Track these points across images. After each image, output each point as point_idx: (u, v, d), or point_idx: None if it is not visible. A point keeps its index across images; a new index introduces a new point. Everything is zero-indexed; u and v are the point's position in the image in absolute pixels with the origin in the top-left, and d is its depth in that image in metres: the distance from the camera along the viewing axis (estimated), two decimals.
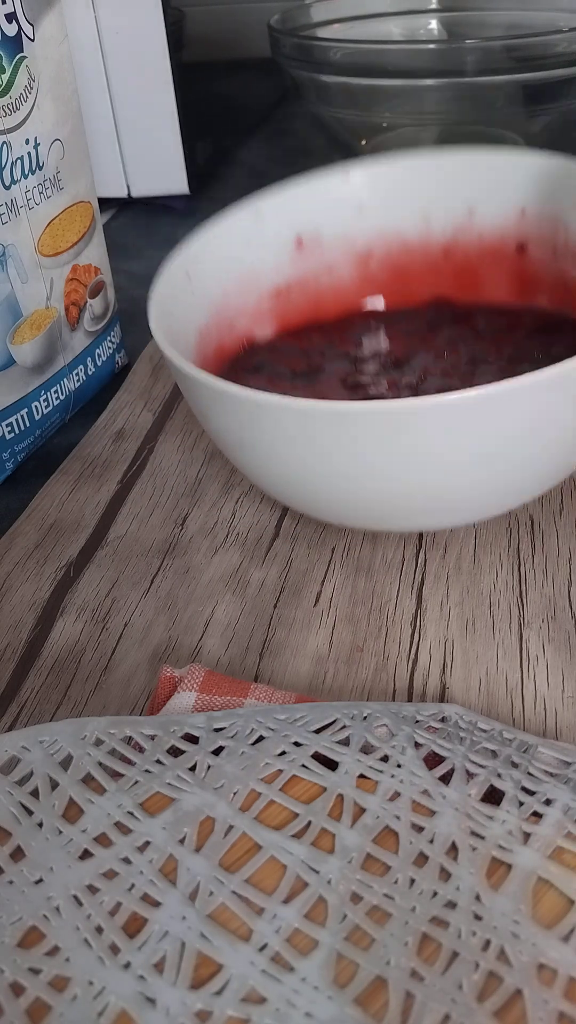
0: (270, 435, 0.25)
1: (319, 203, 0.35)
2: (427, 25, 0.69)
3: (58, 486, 0.36)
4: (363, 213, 0.35)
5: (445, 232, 0.36)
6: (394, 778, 0.21)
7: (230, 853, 0.20)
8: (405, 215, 0.36)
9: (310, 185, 0.34)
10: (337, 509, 0.28)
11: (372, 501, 0.27)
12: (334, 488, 0.27)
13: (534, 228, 0.35)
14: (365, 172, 0.35)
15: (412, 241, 0.36)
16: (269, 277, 0.34)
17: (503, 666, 0.27)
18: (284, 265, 0.35)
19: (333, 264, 0.36)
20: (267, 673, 0.27)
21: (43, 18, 0.33)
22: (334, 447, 0.25)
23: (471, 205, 0.35)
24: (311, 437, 0.25)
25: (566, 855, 0.19)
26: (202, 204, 0.64)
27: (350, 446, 0.25)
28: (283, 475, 0.27)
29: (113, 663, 0.28)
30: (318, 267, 0.35)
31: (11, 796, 0.21)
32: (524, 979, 0.17)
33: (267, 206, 0.34)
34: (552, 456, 0.27)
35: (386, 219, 0.36)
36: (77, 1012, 0.17)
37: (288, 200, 0.34)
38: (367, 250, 0.36)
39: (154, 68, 0.57)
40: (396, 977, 0.17)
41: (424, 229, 0.36)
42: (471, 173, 0.35)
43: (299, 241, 0.35)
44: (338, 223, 0.35)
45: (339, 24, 0.66)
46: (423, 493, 0.27)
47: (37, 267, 0.35)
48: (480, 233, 0.36)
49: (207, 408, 0.27)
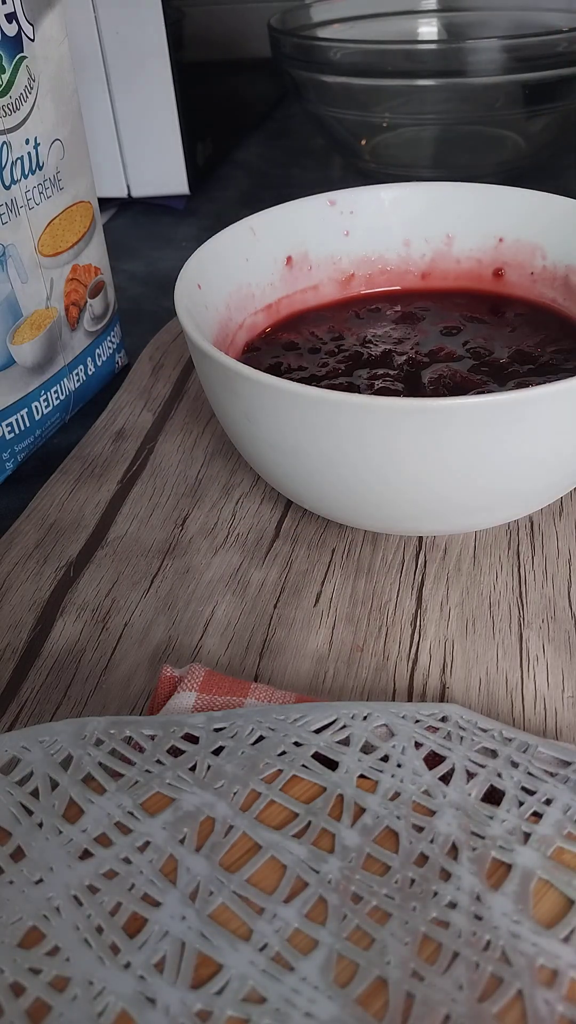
0: (324, 432, 0.26)
1: (309, 226, 0.37)
2: (427, 25, 0.69)
3: (58, 486, 0.36)
4: (349, 237, 0.38)
5: (424, 258, 0.38)
6: (394, 778, 0.21)
7: (230, 853, 0.20)
8: (387, 241, 0.38)
9: (301, 208, 0.37)
10: (378, 510, 0.29)
11: (413, 502, 0.28)
12: (377, 489, 0.27)
13: (511, 254, 0.37)
14: (352, 199, 0.37)
15: (393, 264, 0.39)
16: (264, 293, 0.36)
17: (503, 666, 0.27)
18: (276, 282, 0.37)
19: (319, 284, 0.38)
20: (267, 673, 0.27)
21: (43, 18, 0.33)
22: (382, 442, 0.25)
23: (450, 233, 0.38)
24: (364, 432, 0.25)
25: (566, 855, 0.19)
26: (202, 204, 0.64)
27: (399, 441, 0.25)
28: (311, 471, 0.28)
29: (113, 663, 0.28)
30: (305, 286, 0.38)
31: (11, 796, 0.21)
32: (524, 979, 0.17)
33: (260, 225, 0.36)
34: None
35: (369, 244, 0.38)
36: (77, 1012, 0.17)
37: (281, 221, 0.36)
38: (350, 272, 0.38)
39: (154, 68, 0.57)
40: (396, 977, 0.17)
41: (404, 254, 0.38)
42: (451, 204, 0.37)
43: (289, 260, 0.37)
44: (326, 246, 0.37)
45: (339, 24, 0.66)
46: (465, 494, 0.27)
47: (37, 267, 0.35)
48: (458, 259, 0.38)
49: (256, 407, 0.27)
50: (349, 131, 0.62)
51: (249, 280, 0.35)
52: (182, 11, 0.60)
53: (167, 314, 0.49)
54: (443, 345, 0.34)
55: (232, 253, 0.35)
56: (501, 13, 0.67)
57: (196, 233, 0.60)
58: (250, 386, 0.26)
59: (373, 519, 0.29)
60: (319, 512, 0.31)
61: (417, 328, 0.36)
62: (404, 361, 0.33)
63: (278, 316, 0.37)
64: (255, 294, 0.36)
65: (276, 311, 0.37)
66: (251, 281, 0.35)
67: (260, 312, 0.36)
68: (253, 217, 0.35)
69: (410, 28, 0.68)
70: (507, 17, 0.67)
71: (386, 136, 0.62)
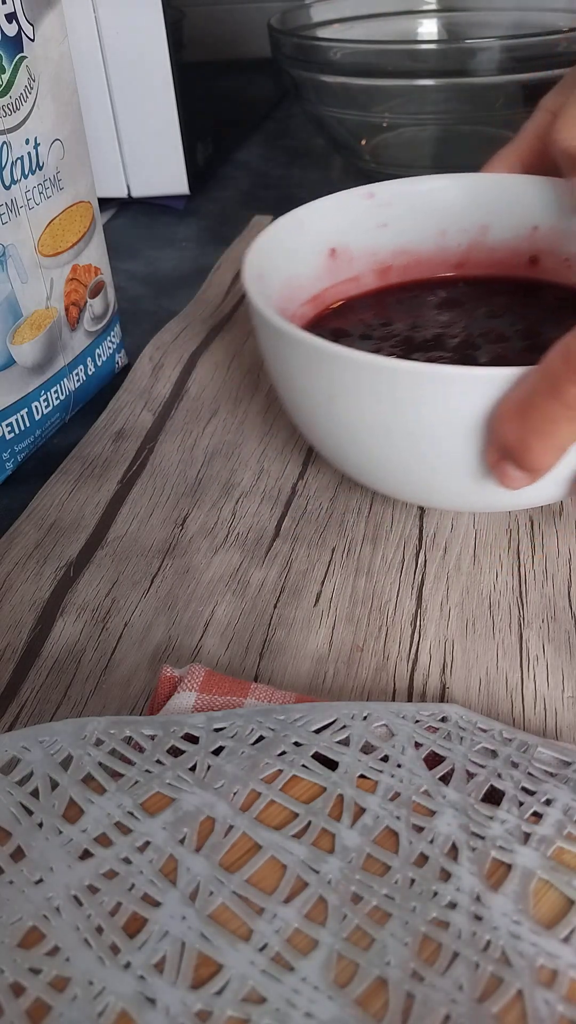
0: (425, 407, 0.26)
1: (350, 218, 0.38)
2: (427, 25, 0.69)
3: (58, 486, 0.36)
4: (387, 228, 0.38)
5: (460, 247, 0.39)
6: (394, 778, 0.21)
7: (230, 853, 0.20)
8: (423, 232, 0.39)
9: (342, 201, 0.37)
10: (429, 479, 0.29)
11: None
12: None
13: (546, 242, 0.38)
14: (390, 192, 0.38)
15: (429, 255, 0.39)
16: (310, 284, 0.37)
17: (503, 666, 0.27)
18: (321, 274, 0.37)
19: (359, 275, 0.39)
20: (267, 673, 0.27)
21: (43, 18, 0.33)
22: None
23: (484, 223, 0.38)
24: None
25: (566, 855, 0.19)
26: (202, 204, 0.64)
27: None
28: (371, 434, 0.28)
29: (113, 663, 0.28)
30: (347, 277, 0.38)
31: (11, 796, 0.21)
32: (524, 979, 0.17)
33: (306, 217, 0.36)
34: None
35: (406, 235, 0.39)
36: (77, 1012, 0.17)
37: (324, 213, 0.37)
38: (388, 263, 0.39)
39: (154, 68, 0.57)
40: (396, 977, 0.17)
41: (440, 244, 0.39)
42: (486, 195, 0.38)
43: (332, 252, 0.37)
44: (365, 237, 0.38)
45: (339, 24, 0.66)
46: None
47: (37, 267, 0.35)
48: (493, 247, 0.39)
49: (341, 384, 0.27)
50: (349, 131, 0.62)
51: (298, 271, 0.36)
52: (182, 11, 0.60)
53: (167, 314, 0.49)
54: (492, 327, 0.34)
55: (282, 245, 0.35)
56: (501, 13, 0.67)
57: (196, 233, 0.60)
58: (346, 365, 0.27)
59: (462, 496, 0.30)
60: (402, 495, 0.31)
61: (462, 312, 0.36)
62: (458, 343, 0.33)
63: (323, 306, 0.38)
64: (303, 285, 0.36)
65: (321, 302, 0.37)
66: (299, 272, 0.36)
67: (307, 303, 0.37)
68: (300, 209, 0.36)
69: (410, 28, 0.68)
70: (507, 17, 0.66)
71: (386, 136, 0.62)
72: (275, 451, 0.37)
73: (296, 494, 0.34)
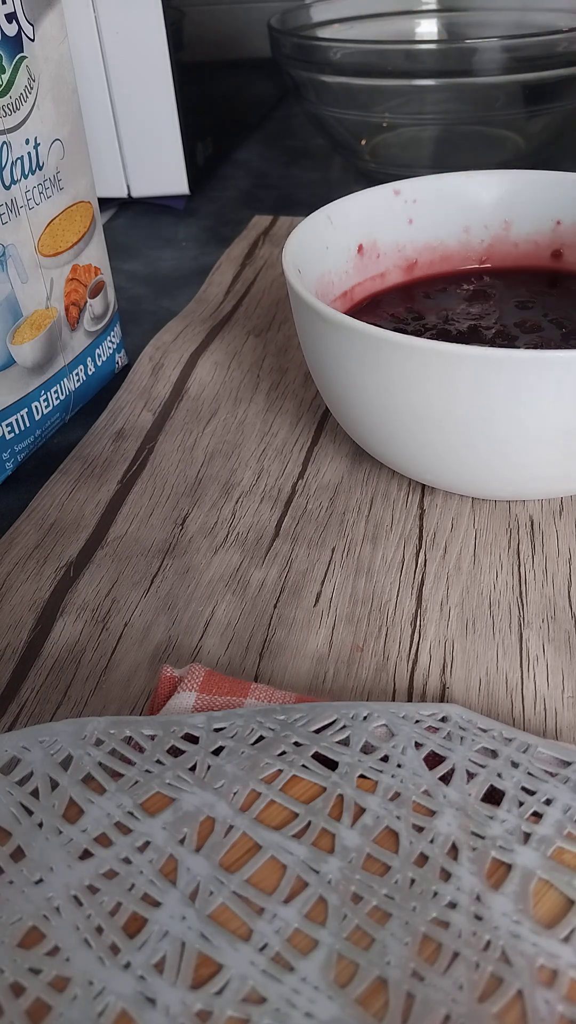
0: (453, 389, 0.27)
1: (377, 214, 0.38)
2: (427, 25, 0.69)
3: (58, 486, 0.36)
4: (412, 225, 0.39)
5: (483, 243, 0.40)
6: (394, 778, 0.21)
7: (230, 853, 0.20)
8: (448, 228, 0.40)
9: (370, 197, 0.38)
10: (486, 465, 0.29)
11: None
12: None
13: (570, 236, 0.39)
14: (416, 188, 0.39)
15: (453, 251, 0.40)
16: (341, 280, 0.38)
17: (503, 666, 0.27)
18: (350, 270, 0.38)
19: (386, 271, 0.39)
20: (267, 673, 0.27)
21: (43, 18, 0.33)
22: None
23: (507, 218, 0.39)
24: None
25: (566, 855, 0.19)
26: (202, 204, 0.64)
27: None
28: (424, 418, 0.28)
29: (113, 663, 0.28)
30: (374, 273, 0.39)
31: (11, 796, 0.21)
32: (524, 979, 0.17)
33: (336, 213, 0.37)
34: None
35: (431, 231, 0.40)
36: (77, 1012, 0.17)
37: (353, 210, 0.37)
38: (414, 258, 0.40)
39: (154, 68, 0.57)
40: (396, 977, 0.17)
41: (464, 240, 0.40)
42: (509, 191, 0.39)
43: (360, 248, 0.38)
44: (391, 233, 0.39)
45: (339, 24, 0.66)
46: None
47: (37, 267, 0.35)
48: (516, 243, 0.40)
49: (399, 370, 0.27)
50: (349, 131, 0.62)
51: (329, 268, 0.37)
52: (182, 11, 0.60)
53: (167, 314, 0.49)
54: (525, 317, 0.35)
55: (316, 241, 0.36)
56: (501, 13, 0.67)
57: (196, 233, 0.60)
58: (411, 353, 0.27)
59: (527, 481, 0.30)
60: (453, 487, 0.32)
61: (492, 303, 0.37)
62: (494, 334, 0.34)
63: (352, 302, 0.38)
64: (334, 281, 0.37)
65: (351, 298, 0.38)
66: (331, 269, 0.37)
67: (338, 299, 0.37)
68: (330, 206, 0.37)
69: (410, 28, 0.68)
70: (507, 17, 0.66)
71: (386, 136, 0.62)
72: (275, 451, 0.37)
73: (296, 494, 0.34)
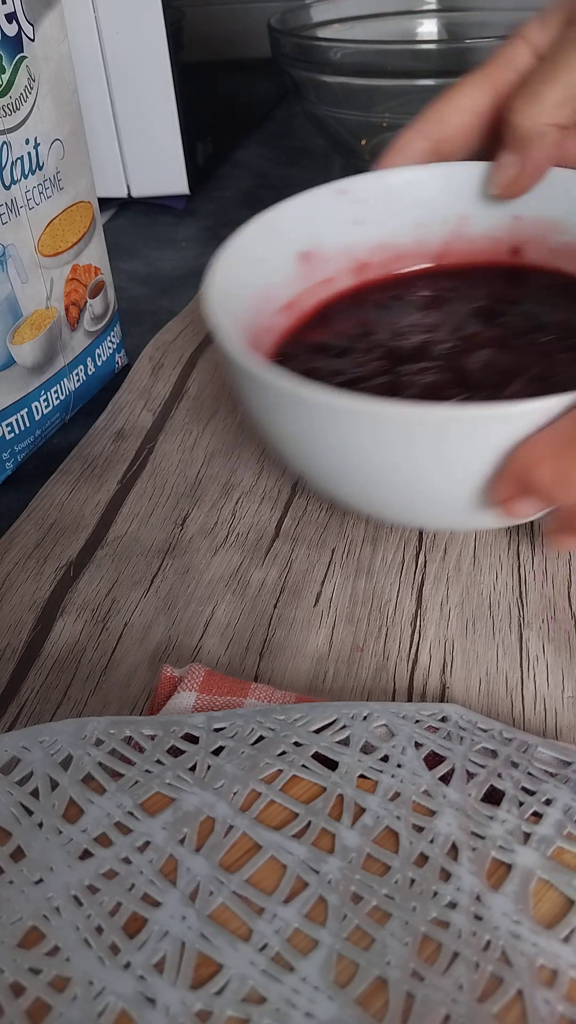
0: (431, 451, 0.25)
1: (320, 218, 0.36)
2: (427, 25, 0.69)
3: (58, 486, 0.36)
4: (361, 225, 0.36)
5: (439, 240, 0.37)
6: (394, 778, 0.21)
7: (230, 853, 0.20)
8: (400, 226, 0.37)
9: (311, 200, 0.35)
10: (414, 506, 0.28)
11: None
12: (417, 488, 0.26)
13: (530, 231, 0.36)
14: (362, 187, 0.36)
15: (407, 249, 0.37)
16: (281, 292, 0.35)
17: (503, 666, 0.27)
18: (292, 279, 0.35)
19: (334, 276, 0.37)
20: (267, 673, 0.27)
21: (43, 18, 0.33)
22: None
23: (464, 214, 0.36)
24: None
25: (566, 855, 0.19)
26: (202, 204, 0.64)
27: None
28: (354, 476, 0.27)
29: (113, 663, 0.28)
30: (321, 279, 0.36)
31: (11, 796, 0.21)
32: (524, 979, 0.17)
33: (272, 221, 0.34)
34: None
35: (382, 230, 0.37)
36: (77, 1012, 0.17)
37: (292, 215, 0.35)
38: (365, 260, 0.37)
39: (154, 68, 0.57)
40: (396, 977, 0.17)
41: (418, 237, 0.37)
42: (465, 185, 0.36)
43: (304, 254, 0.35)
44: (338, 236, 0.36)
45: (339, 24, 0.66)
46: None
47: (37, 267, 0.35)
48: (473, 239, 0.37)
49: (314, 429, 0.26)
50: (349, 131, 0.62)
51: (267, 280, 0.34)
52: (182, 11, 0.60)
53: (167, 314, 0.49)
54: (480, 328, 0.33)
55: (250, 255, 0.33)
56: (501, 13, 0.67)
57: (196, 233, 0.60)
58: (338, 416, 0.24)
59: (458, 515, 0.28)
60: (403, 521, 0.30)
61: (446, 311, 0.34)
62: (446, 350, 0.31)
63: (299, 313, 0.35)
64: (273, 295, 0.34)
65: (296, 309, 0.35)
66: (269, 281, 0.34)
67: (279, 313, 0.35)
68: (264, 214, 0.34)
69: (410, 28, 0.68)
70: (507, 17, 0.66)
71: (386, 136, 0.62)
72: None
73: (296, 494, 0.34)
